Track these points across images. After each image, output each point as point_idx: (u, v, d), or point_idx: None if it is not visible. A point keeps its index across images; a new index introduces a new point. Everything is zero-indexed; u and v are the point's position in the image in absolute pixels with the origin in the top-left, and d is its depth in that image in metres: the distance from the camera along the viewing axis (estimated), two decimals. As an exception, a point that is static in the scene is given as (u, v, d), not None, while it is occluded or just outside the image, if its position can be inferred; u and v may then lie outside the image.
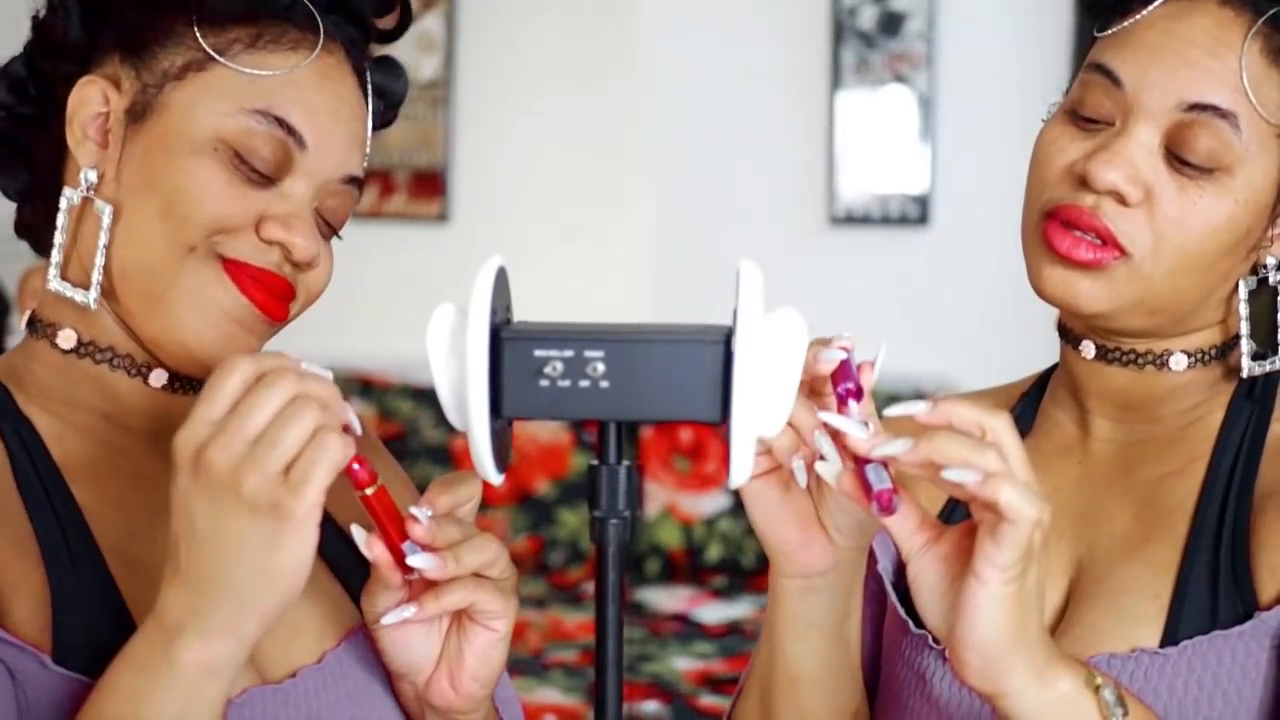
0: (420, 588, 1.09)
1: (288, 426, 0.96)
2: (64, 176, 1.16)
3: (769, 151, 4.54)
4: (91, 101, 1.14)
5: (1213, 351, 1.24)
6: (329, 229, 1.18)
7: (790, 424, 1.03)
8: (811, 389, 1.07)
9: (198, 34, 1.13)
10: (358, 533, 1.07)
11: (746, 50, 4.53)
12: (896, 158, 4.49)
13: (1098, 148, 1.19)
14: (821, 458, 1.05)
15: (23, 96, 1.17)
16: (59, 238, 1.13)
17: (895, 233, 4.53)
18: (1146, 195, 1.17)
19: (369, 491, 1.04)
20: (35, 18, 1.18)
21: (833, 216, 4.51)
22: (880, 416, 1.07)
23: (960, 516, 1.22)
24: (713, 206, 4.56)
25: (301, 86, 1.14)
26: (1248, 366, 1.22)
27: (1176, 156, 1.17)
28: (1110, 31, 1.21)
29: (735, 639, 3.84)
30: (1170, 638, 1.16)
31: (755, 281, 0.98)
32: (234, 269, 1.13)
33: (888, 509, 1.01)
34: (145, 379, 1.16)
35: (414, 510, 1.07)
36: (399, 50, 1.26)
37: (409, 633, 1.12)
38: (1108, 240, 1.17)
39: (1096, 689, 1.04)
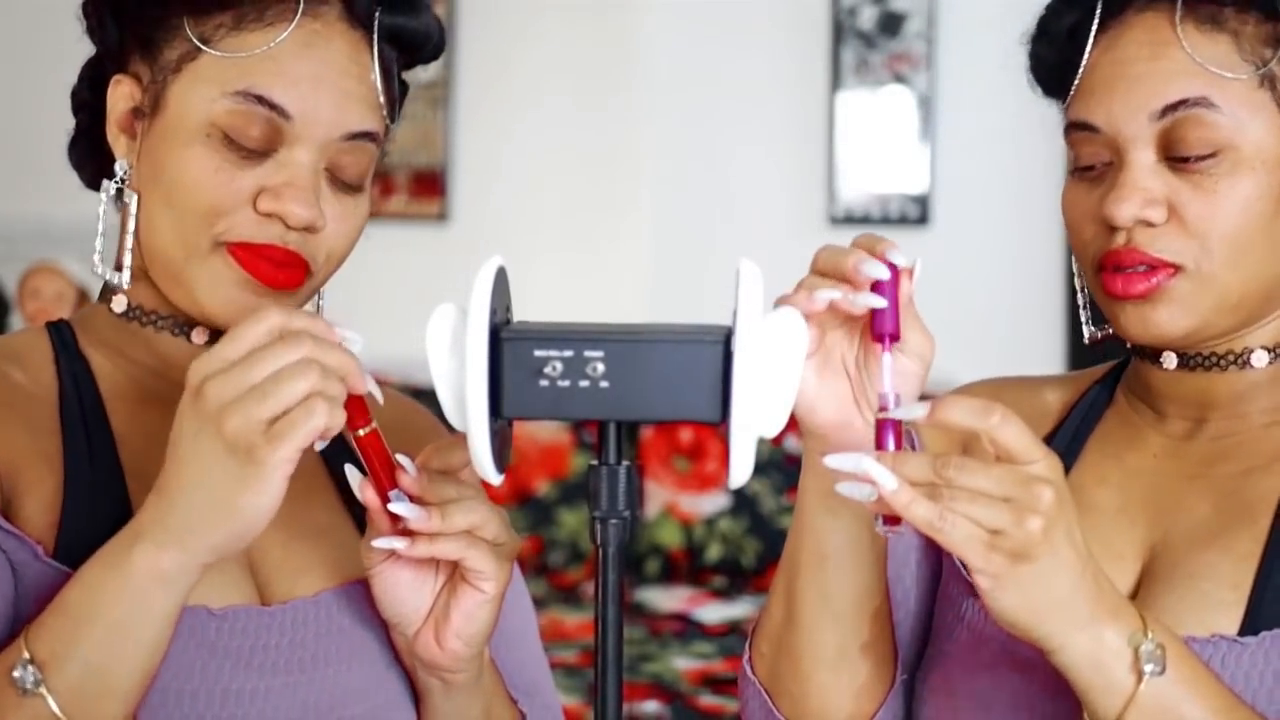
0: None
1: (283, 383, 1.02)
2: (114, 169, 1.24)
3: (769, 151, 4.54)
4: (122, 99, 1.22)
5: None
6: (348, 187, 1.22)
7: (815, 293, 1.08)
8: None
9: (187, 26, 1.19)
10: (352, 475, 1.13)
11: (746, 50, 4.53)
12: (896, 158, 4.49)
13: (1107, 190, 1.22)
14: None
15: (96, 95, 1.25)
16: (99, 225, 1.22)
17: (895, 233, 4.49)
18: (1170, 209, 1.20)
19: (362, 432, 1.09)
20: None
21: (833, 216, 4.51)
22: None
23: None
24: (712, 206, 4.56)
25: (281, 59, 1.18)
26: None
27: (1177, 159, 1.20)
28: (1070, 94, 1.25)
29: (735, 639, 3.83)
30: (1250, 627, 1.17)
31: (755, 281, 0.98)
32: (239, 251, 1.18)
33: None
34: (188, 337, 1.24)
35: (400, 459, 1.11)
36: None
37: (400, 583, 1.16)
38: (1155, 265, 1.20)
39: (1142, 642, 1.08)
